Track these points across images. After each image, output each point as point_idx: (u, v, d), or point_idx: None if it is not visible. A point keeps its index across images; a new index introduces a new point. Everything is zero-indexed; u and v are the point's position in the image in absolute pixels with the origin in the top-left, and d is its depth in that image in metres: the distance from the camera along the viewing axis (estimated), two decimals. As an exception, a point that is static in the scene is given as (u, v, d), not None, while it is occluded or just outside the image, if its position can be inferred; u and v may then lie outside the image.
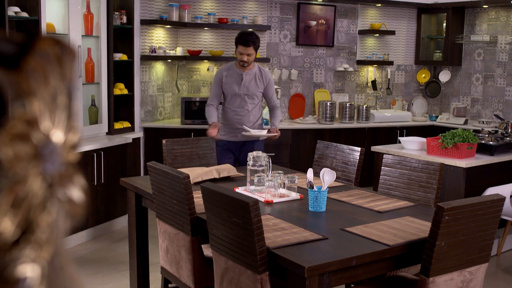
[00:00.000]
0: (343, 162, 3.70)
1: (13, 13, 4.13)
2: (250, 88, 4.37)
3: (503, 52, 6.50)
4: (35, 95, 0.38)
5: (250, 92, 4.37)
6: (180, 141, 3.89)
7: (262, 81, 4.42)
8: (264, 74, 4.44)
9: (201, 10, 6.08)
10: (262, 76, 4.43)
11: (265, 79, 4.43)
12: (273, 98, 4.53)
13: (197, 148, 3.97)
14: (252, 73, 4.39)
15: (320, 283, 2.11)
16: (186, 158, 3.89)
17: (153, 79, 5.79)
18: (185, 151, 3.89)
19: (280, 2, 6.34)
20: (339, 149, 3.78)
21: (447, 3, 6.68)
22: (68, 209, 0.41)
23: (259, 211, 2.19)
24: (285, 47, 6.45)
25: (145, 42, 5.63)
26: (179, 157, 3.86)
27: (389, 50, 6.98)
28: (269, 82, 4.45)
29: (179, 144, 3.88)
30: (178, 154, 3.86)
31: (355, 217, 2.71)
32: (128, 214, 3.44)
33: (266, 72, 4.47)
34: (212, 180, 3.39)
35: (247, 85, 4.37)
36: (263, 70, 4.46)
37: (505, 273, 4.30)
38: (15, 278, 0.36)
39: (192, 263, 2.73)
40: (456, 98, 7.01)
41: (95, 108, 5.07)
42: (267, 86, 4.44)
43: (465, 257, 2.36)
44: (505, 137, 4.92)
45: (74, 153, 0.41)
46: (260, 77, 4.42)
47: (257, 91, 4.41)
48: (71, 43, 0.43)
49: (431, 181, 3.12)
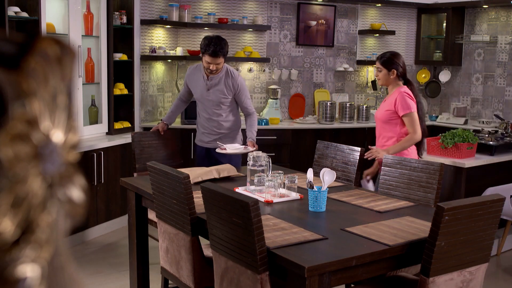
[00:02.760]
0: (343, 162, 3.70)
1: (13, 13, 4.13)
2: (215, 94, 4.00)
3: (503, 52, 6.50)
4: (35, 95, 0.38)
5: (215, 99, 4.01)
6: (147, 134, 4.20)
7: (230, 87, 4.00)
8: (232, 80, 3.99)
9: (201, 10, 6.08)
10: (230, 82, 3.99)
11: (233, 85, 4.00)
12: (245, 104, 4.10)
13: (163, 139, 4.23)
14: (218, 77, 3.98)
15: (320, 283, 2.11)
16: (153, 149, 4.16)
17: (153, 79, 5.79)
18: (152, 143, 4.16)
19: (280, 2, 6.34)
20: (339, 149, 3.78)
21: (447, 3, 6.68)
22: (68, 209, 0.41)
23: (259, 211, 2.19)
24: (285, 47, 6.45)
25: (145, 42, 5.63)
26: (147, 148, 4.12)
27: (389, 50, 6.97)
28: (239, 88, 4.01)
29: (147, 136, 4.17)
30: (145, 145, 4.12)
31: (355, 217, 2.71)
32: (128, 214, 3.44)
33: (236, 77, 4.01)
34: (212, 180, 3.39)
35: (211, 91, 4.00)
36: (232, 74, 4.01)
37: (505, 273, 4.30)
38: (15, 278, 0.37)
39: (192, 263, 2.73)
40: (456, 98, 7.01)
41: (95, 108, 5.07)
42: (237, 93, 4.02)
43: (465, 257, 2.36)
44: (505, 137, 4.92)
45: (74, 153, 0.41)
46: (227, 83, 3.99)
47: (222, 98, 4.00)
48: (71, 43, 0.43)
49: (431, 181, 3.12)
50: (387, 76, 3.77)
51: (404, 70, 3.81)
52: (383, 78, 3.79)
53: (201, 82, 4.03)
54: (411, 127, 3.64)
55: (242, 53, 6.11)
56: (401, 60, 3.80)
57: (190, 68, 4.14)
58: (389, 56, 3.80)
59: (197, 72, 4.06)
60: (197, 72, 4.06)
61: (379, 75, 3.81)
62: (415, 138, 3.63)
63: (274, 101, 6.16)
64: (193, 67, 4.13)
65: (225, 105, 4.05)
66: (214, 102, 4.03)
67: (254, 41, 6.26)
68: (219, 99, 4.02)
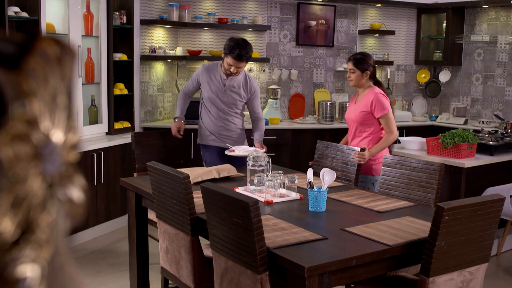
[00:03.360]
0: (343, 162, 3.70)
1: (13, 13, 4.14)
2: (231, 96, 4.01)
3: (503, 52, 6.50)
4: (35, 95, 0.38)
5: (230, 101, 4.01)
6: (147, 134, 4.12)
7: (247, 90, 4.04)
8: (250, 84, 4.04)
9: (201, 10, 6.08)
10: (248, 85, 4.04)
11: (250, 89, 4.04)
12: (257, 109, 4.16)
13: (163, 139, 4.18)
14: (237, 80, 4.00)
15: (320, 283, 2.11)
16: (153, 149, 4.10)
17: (153, 79, 5.79)
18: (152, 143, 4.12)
19: (280, 2, 6.34)
20: (339, 149, 3.78)
21: (447, 3, 6.68)
22: (68, 209, 0.41)
23: (259, 211, 2.19)
24: (285, 47, 6.45)
25: (145, 42, 5.63)
26: (147, 148, 4.07)
27: (389, 50, 6.98)
28: (255, 93, 4.07)
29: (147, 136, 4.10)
30: (145, 145, 4.07)
31: (355, 217, 2.71)
32: (128, 214, 3.44)
33: (253, 82, 4.08)
34: (212, 180, 3.39)
35: (228, 92, 4.00)
36: (249, 79, 4.06)
37: (505, 273, 4.30)
38: (15, 278, 0.36)
39: (192, 263, 2.73)
40: (456, 98, 7.01)
41: (95, 108, 5.07)
42: (251, 97, 4.07)
43: (465, 257, 2.36)
44: (505, 137, 4.92)
45: (74, 153, 0.41)
46: (245, 86, 4.04)
47: (238, 100, 4.04)
48: (71, 43, 0.43)
49: (431, 181, 3.12)
50: (360, 78, 3.79)
51: (374, 70, 3.83)
52: (356, 79, 3.80)
53: (217, 81, 3.99)
54: (387, 127, 3.69)
55: (242, 53, 6.11)
56: (372, 61, 3.83)
57: (205, 66, 4.07)
58: (361, 57, 3.80)
59: (214, 71, 4.01)
60: (214, 71, 4.01)
61: (352, 76, 3.81)
62: (392, 138, 3.68)
63: (274, 101, 6.17)
64: (210, 64, 4.06)
65: (238, 108, 4.08)
66: (228, 103, 4.02)
67: (254, 41, 6.25)
68: (234, 101, 4.02)
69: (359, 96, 3.87)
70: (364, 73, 3.76)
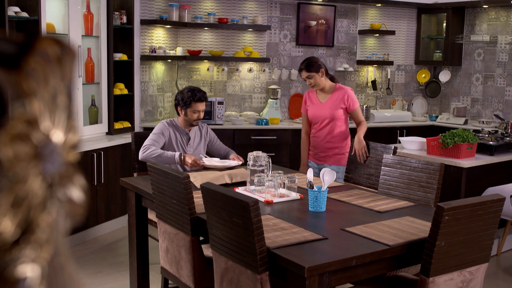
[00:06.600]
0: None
1: (13, 13, 4.13)
2: (198, 150, 3.85)
3: (503, 52, 6.50)
4: (35, 95, 0.38)
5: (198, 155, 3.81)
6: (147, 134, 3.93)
7: (205, 137, 3.91)
8: (203, 129, 3.91)
9: (201, 10, 6.08)
10: (201, 132, 3.91)
11: (206, 134, 3.92)
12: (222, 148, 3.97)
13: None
14: (195, 129, 3.88)
15: (320, 283, 2.11)
16: None
17: (153, 79, 5.79)
18: None
19: (280, 2, 6.34)
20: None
21: (447, 3, 6.68)
22: (68, 209, 0.41)
23: (259, 211, 2.19)
24: (285, 47, 6.45)
25: (145, 42, 5.63)
26: None
27: (389, 50, 6.98)
28: (212, 137, 3.93)
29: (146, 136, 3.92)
30: None
31: (355, 217, 2.71)
32: (128, 214, 3.44)
33: (204, 126, 3.94)
34: (224, 185, 3.30)
35: (194, 147, 3.85)
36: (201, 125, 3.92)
37: (505, 273, 4.30)
38: (15, 278, 0.36)
39: (192, 263, 2.73)
40: (456, 98, 7.01)
41: (95, 108, 5.07)
42: (211, 142, 3.94)
43: (465, 257, 2.36)
44: (505, 137, 4.92)
45: (74, 153, 0.41)
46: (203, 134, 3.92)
47: (202, 152, 3.86)
48: (71, 43, 0.43)
49: (431, 181, 3.12)
50: (320, 78, 3.94)
51: (326, 67, 4.02)
52: (318, 81, 3.95)
53: (183, 138, 3.83)
54: (360, 117, 4.03)
55: (242, 53, 6.11)
56: (318, 59, 4.00)
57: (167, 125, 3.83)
58: (309, 62, 3.95)
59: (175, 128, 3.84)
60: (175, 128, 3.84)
61: (313, 82, 3.96)
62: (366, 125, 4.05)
63: (274, 101, 6.16)
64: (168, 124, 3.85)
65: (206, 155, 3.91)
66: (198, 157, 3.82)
67: (254, 41, 6.26)
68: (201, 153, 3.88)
69: (324, 94, 4.02)
70: (320, 72, 3.92)
